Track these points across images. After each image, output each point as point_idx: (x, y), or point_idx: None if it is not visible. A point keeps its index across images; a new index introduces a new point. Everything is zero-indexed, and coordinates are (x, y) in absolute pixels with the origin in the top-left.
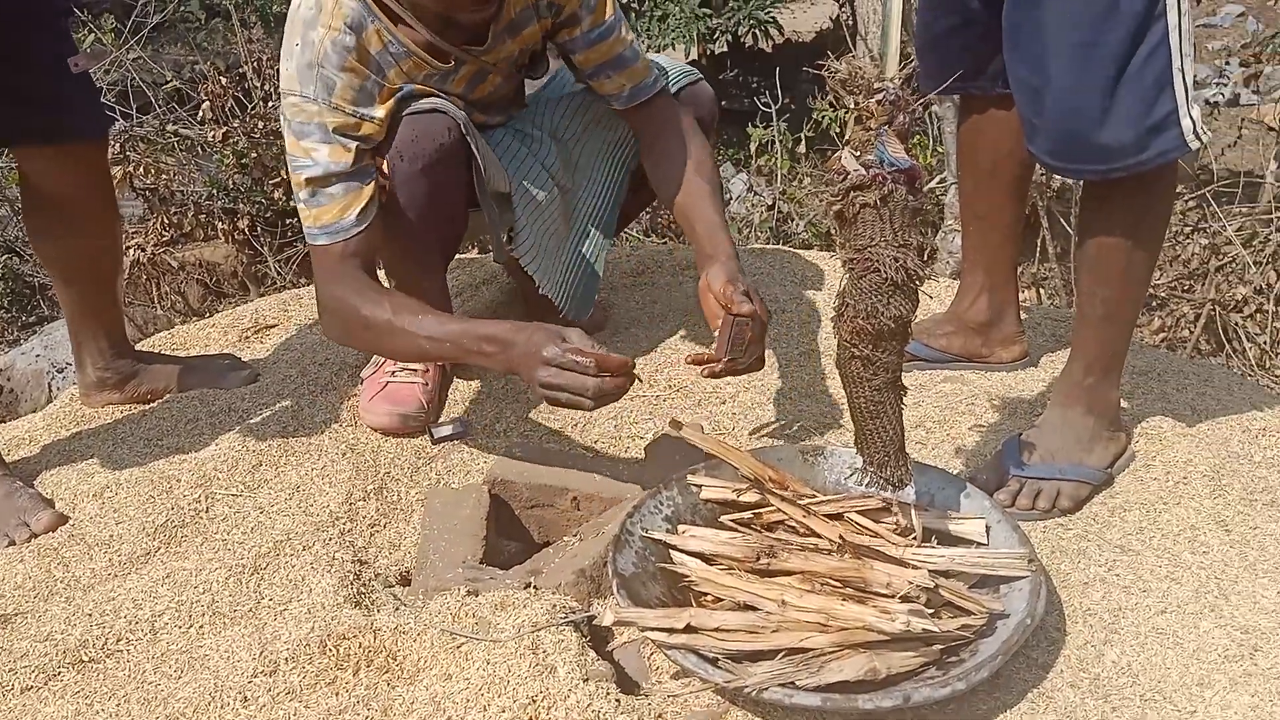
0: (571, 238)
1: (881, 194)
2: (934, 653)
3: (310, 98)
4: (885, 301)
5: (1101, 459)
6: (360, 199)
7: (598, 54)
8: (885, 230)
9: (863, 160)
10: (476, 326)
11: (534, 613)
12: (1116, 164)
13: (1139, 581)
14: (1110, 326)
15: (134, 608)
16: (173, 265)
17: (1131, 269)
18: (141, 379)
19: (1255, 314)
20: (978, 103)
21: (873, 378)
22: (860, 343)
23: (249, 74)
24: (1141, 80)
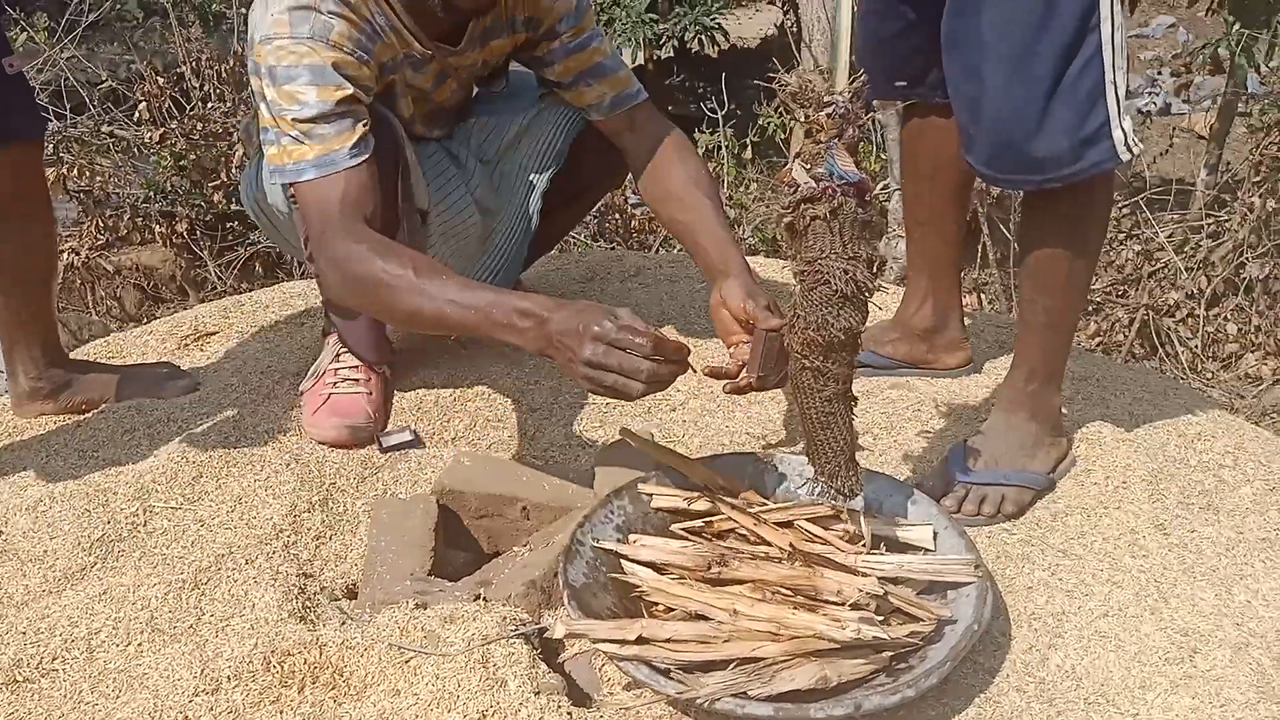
0: (484, 258)
1: (831, 207)
2: (884, 660)
3: (303, 38)
4: (835, 313)
5: (1044, 464)
6: (354, 134)
7: (576, 63)
8: (835, 243)
9: (813, 173)
10: (511, 298)
11: (484, 625)
12: (1050, 175)
13: (1081, 585)
14: (1052, 334)
15: (69, 625)
16: (108, 269)
17: (1071, 277)
18: (76, 389)
19: (1187, 319)
20: (920, 110)
21: (823, 389)
22: (811, 354)
23: (187, 74)
24: (1075, 92)
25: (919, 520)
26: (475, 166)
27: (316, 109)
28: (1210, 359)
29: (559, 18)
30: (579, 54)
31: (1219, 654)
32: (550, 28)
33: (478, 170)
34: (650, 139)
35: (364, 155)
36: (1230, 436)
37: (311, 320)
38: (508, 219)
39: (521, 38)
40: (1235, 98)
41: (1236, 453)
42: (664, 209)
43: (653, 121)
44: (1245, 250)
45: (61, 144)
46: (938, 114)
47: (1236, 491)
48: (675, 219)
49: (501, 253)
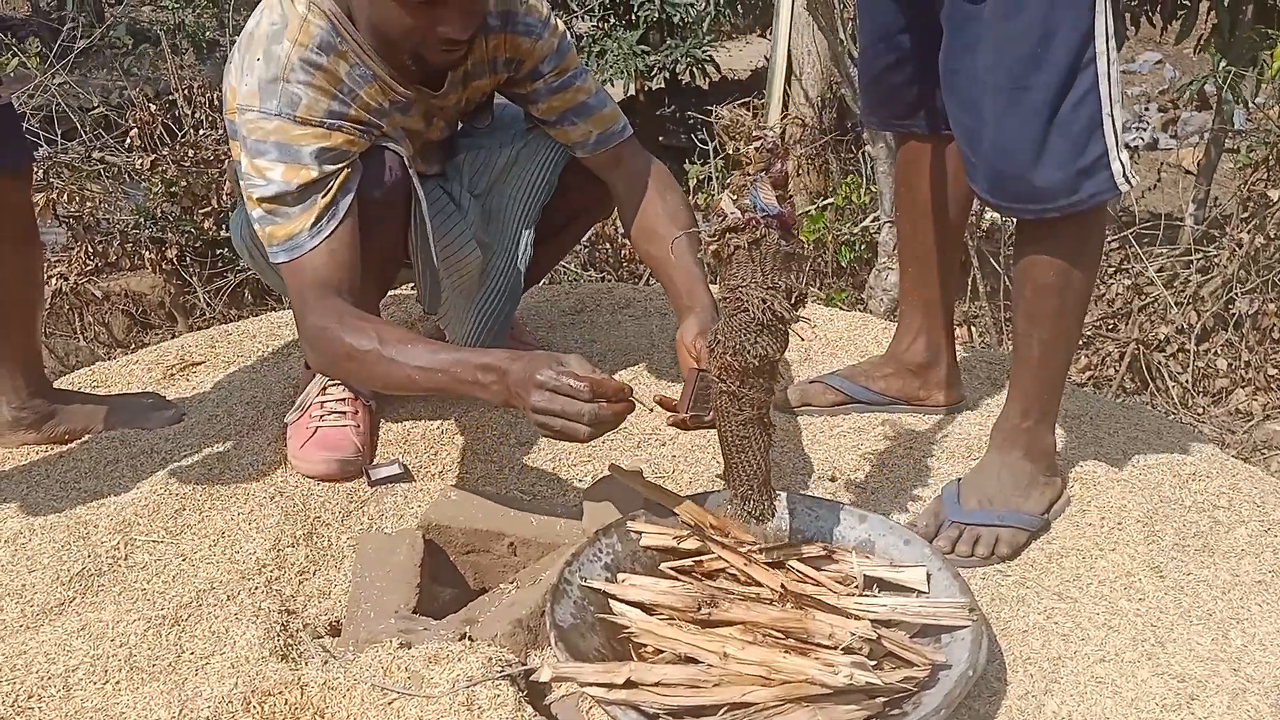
0: (482, 293)
1: (753, 238)
2: (877, 705)
3: (270, 113)
4: (752, 340)
5: (1038, 504)
6: (314, 211)
7: (560, 102)
8: (756, 272)
9: (739, 204)
10: (472, 355)
11: (469, 666)
12: (1049, 204)
13: (1078, 629)
14: (1046, 368)
15: (46, 662)
16: (97, 295)
17: (1065, 310)
18: (60, 419)
19: (1177, 353)
20: (916, 141)
21: (739, 413)
22: (728, 378)
23: (179, 101)
24: (1072, 125)
25: (913, 561)
26: (469, 202)
27: (278, 188)
28: (1201, 394)
29: (541, 58)
30: (563, 93)
31: (1216, 700)
32: (533, 68)
33: (472, 205)
34: (634, 175)
35: (327, 230)
36: (1224, 477)
37: (298, 351)
38: (502, 250)
39: (503, 77)
40: (1222, 133)
41: (1231, 493)
42: (643, 244)
43: (637, 158)
44: (1234, 285)
45: (52, 169)
46: (934, 146)
47: (1232, 533)
48: (651, 254)
49: (498, 284)
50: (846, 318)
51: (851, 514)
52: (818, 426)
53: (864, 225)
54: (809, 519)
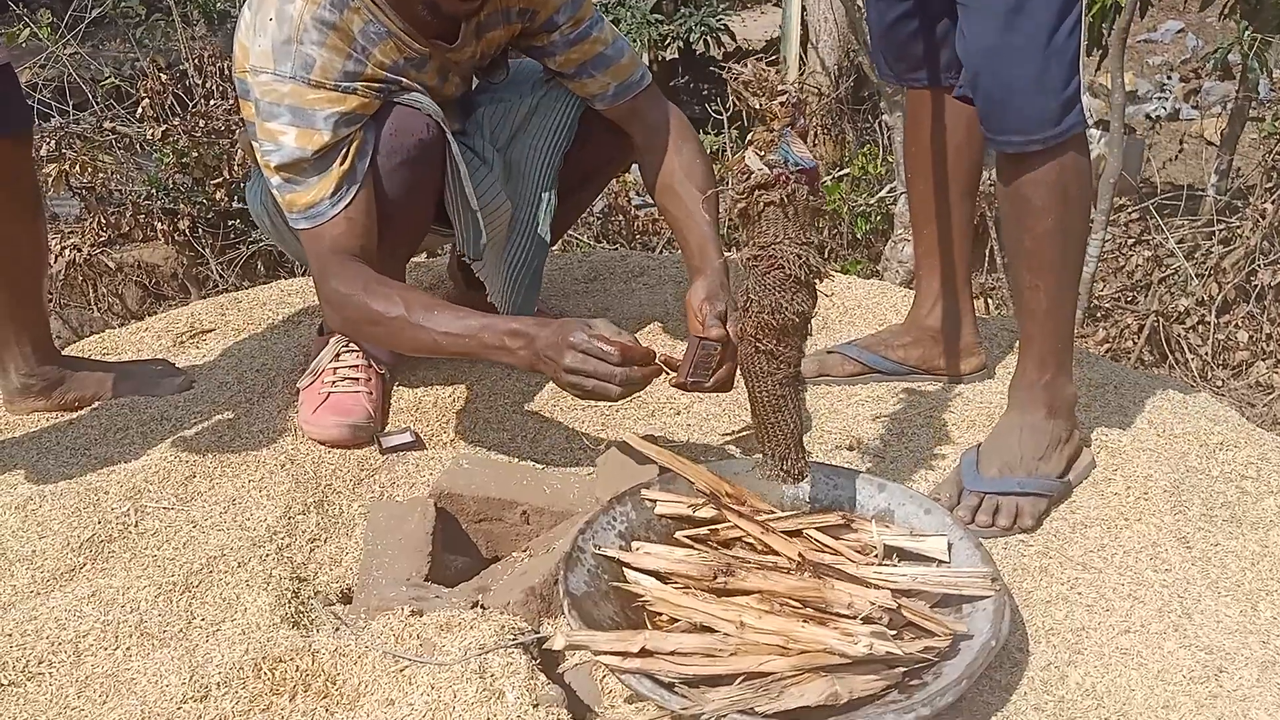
0: (510, 245)
1: (785, 193)
2: (896, 675)
3: (285, 75)
4: (789, 297)
5: (1057, 466)
6: (333, 179)
7: (578, 54)
8: (789, 228)
9: (766, 160)
10: (499, 321)
11: (481, 634)
12: (1035, 136)
13: (1102, 600)
14: (1055, 318)
15: (57, 627)
16: (110, 266)
17: (1066, 254)
18: (69, 385)
19: (1197, 325)
20: (927, 97)
21: (775, 371)
22: (764, 337)
23: (190, 71)
24: (1064, 54)
25: (933, 530)
26: (493, 155)
27: (293, 154)
28: (1220, 366)
29: (556, 8)
30: (580, 45)
31: (1245, 673)
32: (548, 19)
33: (496, 159)
34: (652, 127)
35: (347, 197)
36: (1253, 447)
37: (309, 319)
38: (525, 202)
39: (517, 28)
40: (1246, 103)
41: (1260, 464)
42: (660, 198)
43: (655, 108)
44: (1257, 257)
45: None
46: (944, 102)
47: (1260, 503)
48: (667, 209)
49: (526, 234)
50: (864, 286)
51: (870, 482)
52: (835, 396)
53: (880, 196)
54: (827, 487)
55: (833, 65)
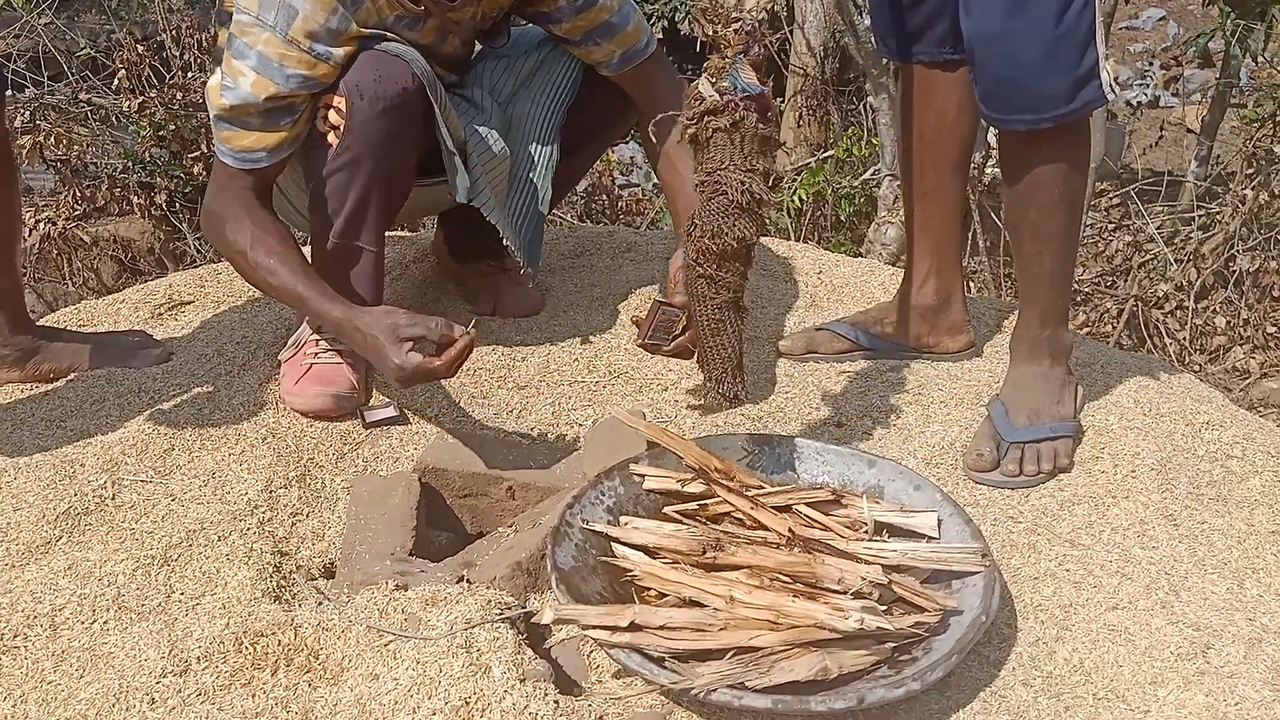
0: (513, 194)
1: (733, 119)
2: (886, 651)
3: (266, 23)
4: (731, 223)
5: (1069, 407)
6: (274, 136)
7: (584, 21)
8: (735, 155)
9: (717, 86)
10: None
11: (467, 608)
12: (1046, 114)
13: (1089, 577)
14: (1058, 279)
15: (32, 601)
16: (85, 240)
17: (1070, 223)
18: (44, 356)
19: (1175, 310)
20: (922, 70)
21: (714, 296)
22: (705, 261)
23: (167, 43)
24: (1077, 30)
25: (923, 506)
26: (491, 106)
27: (244, 97)
28: (1198, 351)
29: None
30: (586, 12)
31: (1232, 649)
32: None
33: (494, 110)
34: (654, 95)
35: (283, 154)
36: (1238, 426)
37: None
38: (528, 155)
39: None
40: (1227, 89)
41: (1245, 443)
42: (658, 166)
43: (658, 76)
44: (1236, 243)
45: (39, 111)
46: (941, 73)
47: (1245, 483)
48: (663, 177)
49: (525, 189)
50: (853, 264)
51: (861, 459)
52: (824, 374)
53: (864, 179)
54: (817, 463)
55: (818, 46)
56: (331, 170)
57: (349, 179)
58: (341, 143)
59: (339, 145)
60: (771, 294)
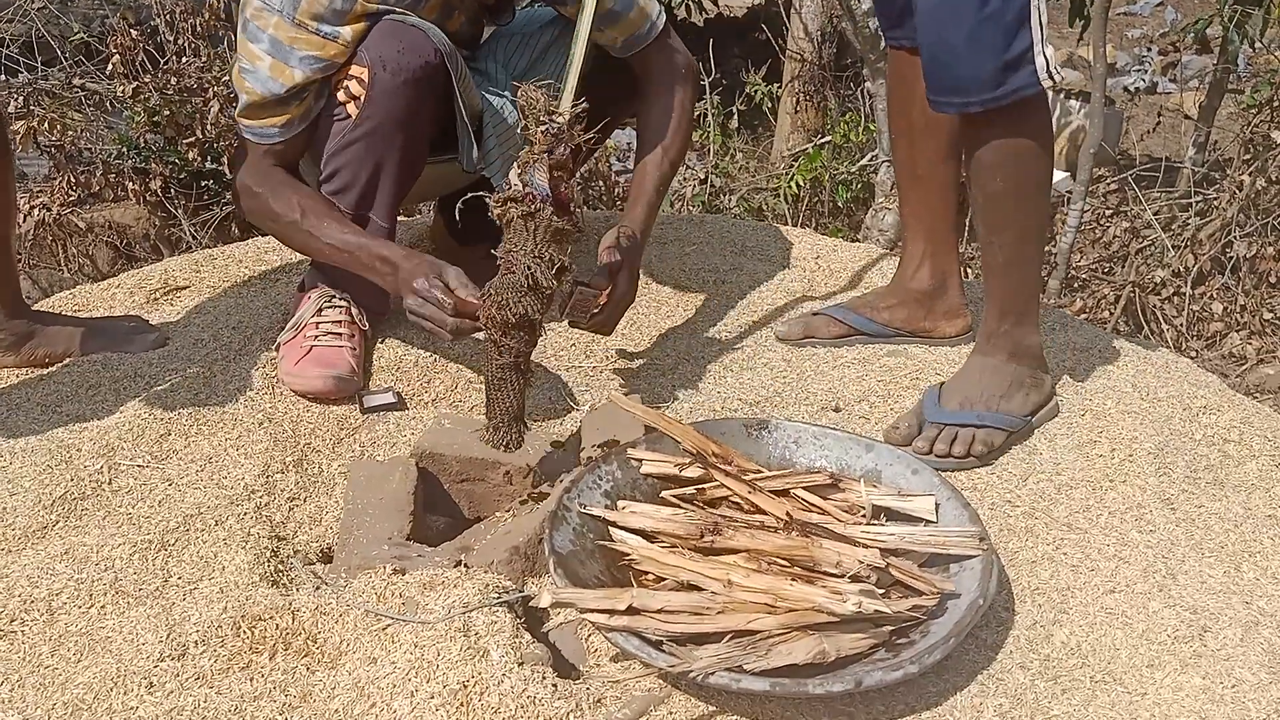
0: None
1: (529, 210)
2: (884, 634)
3: (272, 7)
4: (515, 299)
5: (1021, 407)
6: (287, 113)
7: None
8: (528, 241)
9: (522, 178)
10: (375, 245)
11: (465, 592)
12: (974, 98)
13: (1087, 560)
14: (1014, 271)
15: (29, 585)
16: (80, 227)
17: (1019, 211)
18: (39, 341)
19: (1173, 297)
20: (907, 55)
21: (499, 357)
22: (492, 327)
23: (161, 28)
24: (1003, 15)
25: (921, 490)
26: (505, 79)
27: (265, 84)
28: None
29: None
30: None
31: (1229, 632)
32: None
33: (508, 83)
34: (648, 78)
35: (294, 130)
36: (1235, 411)
37: (286, 276)
38: None
39: None
40: (1225, 75)
41: (1242, 427)
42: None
43: (658, 60)
44: (1233, 229)
45: (32, 97)
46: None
47: (1242, 467)
48: (636, 158)
49: None
50: (851, 249)
51: (858, 443)
52: (821, 358)
53: (861, 165)
54: (814, 448)
55: (815, 31)
56: (349, 141)
57: (366, 150)
58: (362, 113)
59: (359, 115)
60: (769, 279)
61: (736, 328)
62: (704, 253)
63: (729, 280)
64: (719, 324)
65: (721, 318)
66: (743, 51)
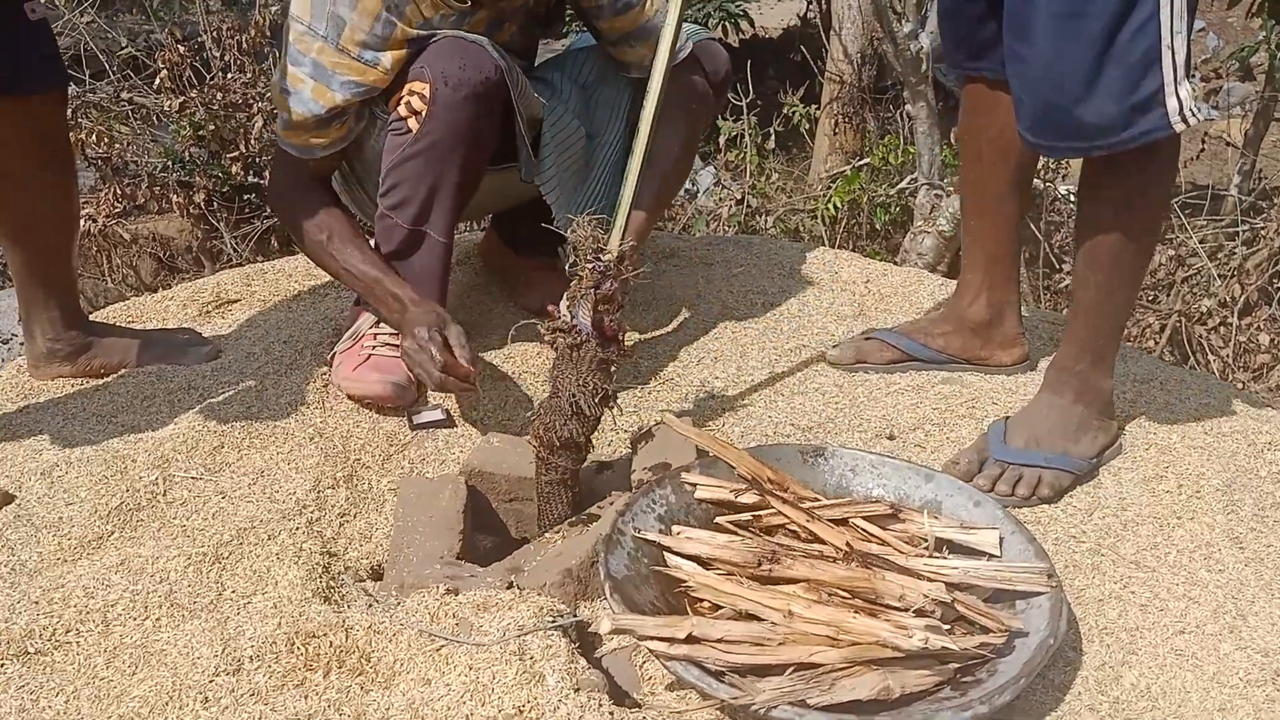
0: (592, 178)
1: (576, 341)
2: (948, 671)
3: (317, 33)
4: (561, 424)
5: (1089, 449)
6: (329, 134)
7: (624, 22)
8: (573, 370)
9: (569, 309)
10: (391, 282)
11: (520, 615)
12: (1097, 142)
13: (1155, 600)
14: (1102, 312)
15: (85, 596)
16: (124, 238)
17: (1122, 254)
18: (95, 352)
19: (1219, 327)
20: (985, 86)
21: (546, 474)
22: (539, 446)
23: (208, 44)
24: (1128, 55)
25: (984, 523)
26: (570, 89)
27: (308, 107)
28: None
29: None
30: (627, 13)
31: None
32: None
33: (574, 93)
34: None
35: (334, 149)
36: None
37: (335, 291)
38: (607, 143)
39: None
40: (1271, 103)
41: None
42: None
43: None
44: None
45: (80, 109)
46: (1005, 91)
47: None
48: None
49: (604, 178)
50: (900, 273)
51: (917, 472)
52: (874, 384)
53: (900, 188)
54: (871, 476)
55: (855, 53)
56: (408, 156)
57: (425, 165)
58: (422, 128)
59: (419, 130)
60: (818, 302)
61: (786, 351)
62: (751, 274)
63: (777, 303)
64: (768, 347)
65: (771, 341)
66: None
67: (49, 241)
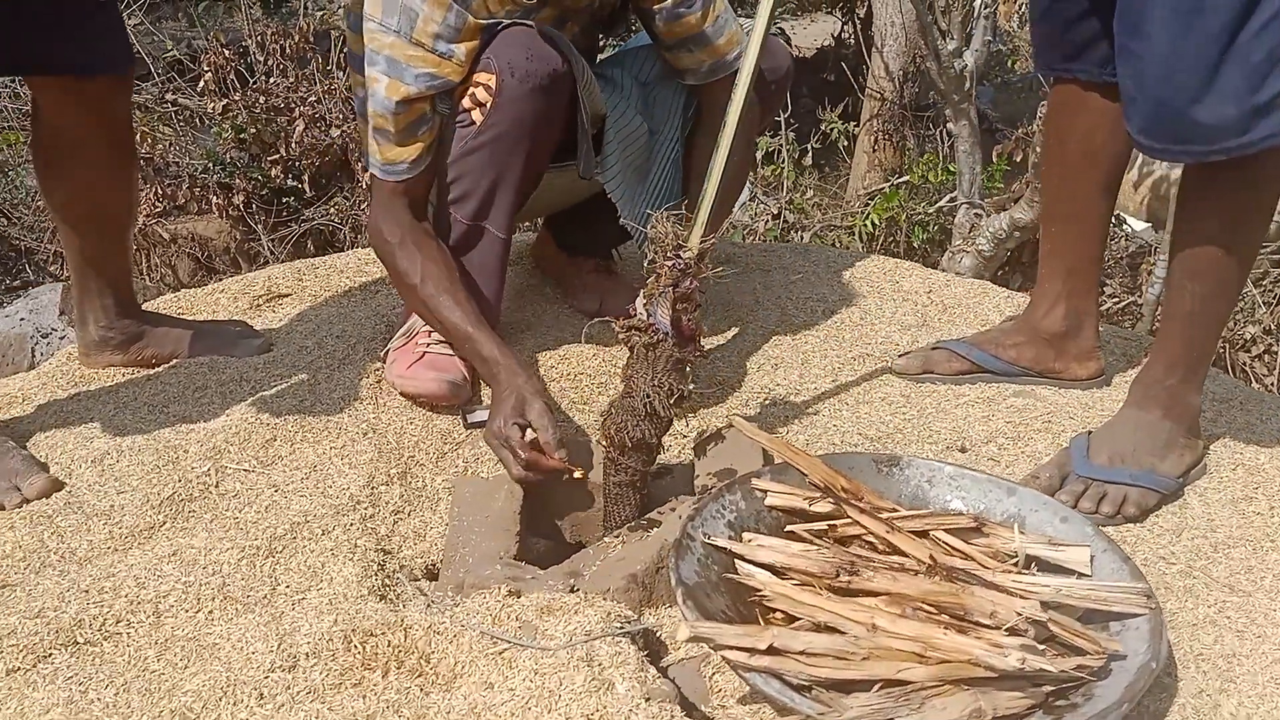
0: (653, 175)
1: (651, 341)
2: (1041, 694)
3: (389, 28)
4: (633, 423)
5: (1175, 467)
6: (415, 147)
7: (682, 28)
8: (648, 369)
9: (646, 307)
10: (481, 342)
11: (586, 620)
12: (1215, 146)
13: (1252, 625)
14: (1198, 324)
15: (136, 586)
16: (164, 237)
17: (1226, 265)
18: (147, 341)
19: (1264, 355)
20: (1076, 88)
21: (615, 475)
22: (610, 447)
23: (251, 48)
24: (1250, 54)
25: (1073, 540)
26: (631, 85)
27: (383, 104)
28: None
29: None
30: (686, 19)
31: None
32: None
33: (635, 89)
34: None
35: (423, 164)
36: None
37: (387, 288)
38: (666, 139)
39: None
40: None
41: None
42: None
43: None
44: None
45: None
46: (1098, 94)
47: None
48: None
49: (663, 174)
50: (963, 284)
51: (999, 485)
52: (942, 395)
53: (939, 206)
54: (949, 488)
55: (897, 70)
56: (472, 148)
57: (489, 157)
58: (487, 119)
59: (484, 122)
60: (880, 311)
61: (849, 359)
62: (810, 282)
63: (838, 310)
64: (831, 355)
65: (833, 349)
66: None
67: (107, 227)
